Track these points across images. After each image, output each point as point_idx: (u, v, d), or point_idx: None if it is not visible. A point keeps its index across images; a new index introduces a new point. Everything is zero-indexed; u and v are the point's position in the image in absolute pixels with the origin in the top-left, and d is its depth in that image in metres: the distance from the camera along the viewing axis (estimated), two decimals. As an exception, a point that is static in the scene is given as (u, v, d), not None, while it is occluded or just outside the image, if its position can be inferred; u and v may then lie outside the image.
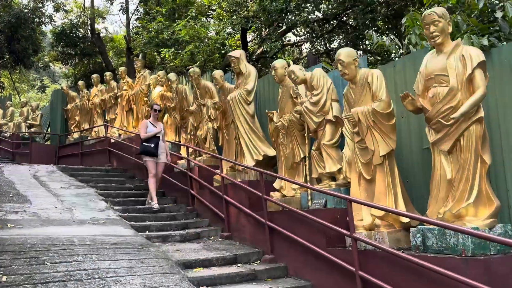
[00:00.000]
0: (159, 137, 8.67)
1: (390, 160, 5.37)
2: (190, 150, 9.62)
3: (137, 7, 19.26)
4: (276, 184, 7.04)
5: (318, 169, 6.41)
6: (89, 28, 20.38)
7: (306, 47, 16.67)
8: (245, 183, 7.30)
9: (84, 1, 20.83)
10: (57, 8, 20.08)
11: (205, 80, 9.90)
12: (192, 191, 9.10)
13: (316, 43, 14.43)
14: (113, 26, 47.23)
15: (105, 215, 7.86)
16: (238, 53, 8.16)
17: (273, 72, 7.28)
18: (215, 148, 9.39)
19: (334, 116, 6.35)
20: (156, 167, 8.78)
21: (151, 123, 8.69)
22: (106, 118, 14.42)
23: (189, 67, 9.75)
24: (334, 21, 12.96)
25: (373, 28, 11.41)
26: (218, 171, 8.35)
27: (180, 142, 10.95)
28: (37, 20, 18.70)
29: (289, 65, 7.09)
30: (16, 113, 19.79)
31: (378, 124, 5.38)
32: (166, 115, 11.49)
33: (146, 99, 12.23)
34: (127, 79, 13.49)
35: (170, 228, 7.92)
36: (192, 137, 10.16)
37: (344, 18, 12.84)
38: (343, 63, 5.73)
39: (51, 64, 25.53)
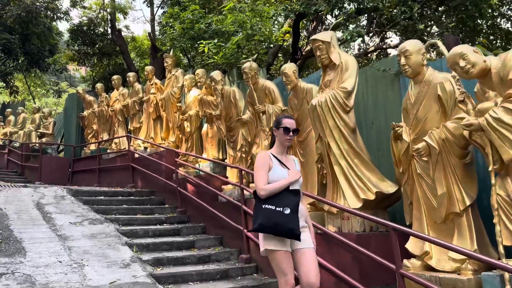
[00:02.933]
0: (296, 191, 3.52)
1: None
2: (243, 173, 7.07)
3: (164, -1, 16.92)
4: (412, 246, 4.38)
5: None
6: (109, 24, 18.12)
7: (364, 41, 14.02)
8: (349, 238, 4.69)
9: (104, -4, 18.58)
10: (74, 2, 17.85)
11: (263, 78, 7.35)
12: (248, 233, 6.54)
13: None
14: (135, 22, 45.13)
15: (130, 274, 5.37)
16: (328, 35, 5.59)
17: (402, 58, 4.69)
18: (280, 172, 6.82)
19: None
20: (298, 262, 3.50)
21: (277, 159, 3.62)
22: (129, 127, 12.01)
23: (243, 61, 7.18)
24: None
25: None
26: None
27: (225, 160, 8.43)
28: (51, 14, 16.49)
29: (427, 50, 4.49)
30: (28, 120, 17.67)
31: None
32: (206, 125, 8.99)
33: (179, 104, 9.76)
34: (154, 81, 11.06)
35: (225, 294, 5.39)
36: (244, 155, 7.62)
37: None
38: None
39: (68, 67, 23.47)
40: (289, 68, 6.25)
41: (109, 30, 18.37)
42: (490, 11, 9.25)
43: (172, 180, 9.00)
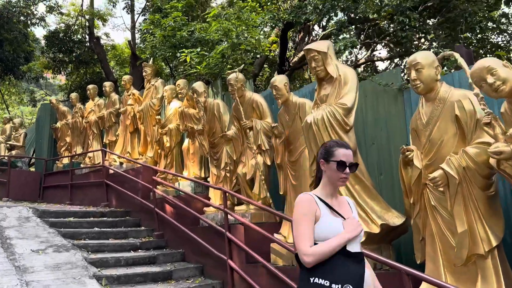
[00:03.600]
0: (358, 256, 2.36)
1: None
2: (227, 195, 6.37)
3: (145, 5, 16.14)
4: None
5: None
6: (87, 31, 17.28)
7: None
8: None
9: (83, 1, 17.75)
10: (50, 8, 16.98)
11: (250, 91, 6.71)
12: (232, 264, 5.84)
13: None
14: (115, 30, 44.17)
15: (95, 318, 4.61)
16: (325, 45, 4.97)
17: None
18: (268, 196, 6.16)
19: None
20: None
21: (326, 204, 2.43)
22: (104, 140, 11.21)
23: (229, 71, 6.54)
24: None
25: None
26: (278, 238, 5.20)
27: (207, 180, 7.74)
28: (24, 19, 15.59)
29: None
30: (-1, 131, 16.65)
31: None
32: (187, 140, 8.29)
33: (158, 117, 9.04)
34: (132, 91, 10.32)
35: None
36: (228, 174, 6.94)
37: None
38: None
39: (48, 75, 22.45)
40: (280, 80, 5.62)
41: (87, 38, 17.55)
42: (488, 24, 8.83)
43: (149, 199, 8.26)
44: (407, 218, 4.38)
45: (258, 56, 9.94)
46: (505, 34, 10.58)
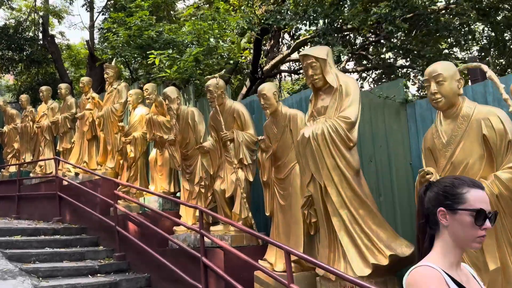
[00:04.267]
0: None
1: None
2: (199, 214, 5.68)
3: (106, 3, 15.11)
4: None
5: None
6: (41, 29, 16.03)
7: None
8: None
9: (36, -3, 16.50)
10: (0, 3, 15.64)
11: (230, 99, 6.08)
12: (210, 294, 5.16)
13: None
14: (72, 29, 42.16)
15: None
16: (324, 51, 4.44)
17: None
18: (250, 216, 5.54)
19: None
20: None
21: (452, 279, 1.54)
22: (57, 148, 10.18)
23: (208, 77, 5.90)
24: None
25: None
26: (264, 266, 4.62)
27: (177, 195, 7.02)
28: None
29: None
30: None
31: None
32: (155, 150, 7.53)
33: (121, 124, 8.20)
34: (91, 94, 9.41)
35: None
36: (203, 190, 6.26)
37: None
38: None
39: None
40: (269, 89, 5.05)
41: (40, 35, 16.29)
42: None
43: (109, 216, 7.43)
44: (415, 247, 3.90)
45: (231, 62, 9.33)
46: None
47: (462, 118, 3.43)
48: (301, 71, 13.58)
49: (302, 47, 11.33)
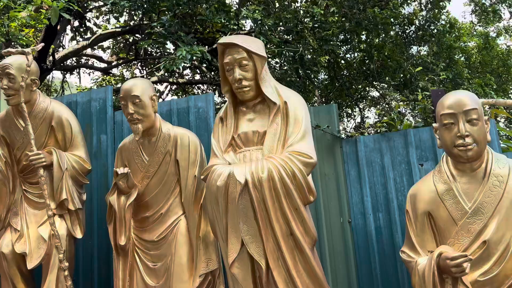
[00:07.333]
0: None
1: None
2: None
3: None
4: None
5: None
6: None
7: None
8: None
9: None
10: None
11: (47, 97, 3.64)
12: None
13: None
14: None
15: None
16: (260, 44, 2.76)
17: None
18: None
19: None
20: None
21: None
22: None
23: (9, 49, 3.38)
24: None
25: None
26: None
27: None
28: None
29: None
30: None
31: None
32: None
33: None
34: None
35: None
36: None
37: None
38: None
39: None
40: (144, 88, 3.01)
41: None
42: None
43: None
44: None
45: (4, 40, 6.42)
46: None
47: (492, 179, 2.35)
48: (114, 70, 11.05)
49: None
